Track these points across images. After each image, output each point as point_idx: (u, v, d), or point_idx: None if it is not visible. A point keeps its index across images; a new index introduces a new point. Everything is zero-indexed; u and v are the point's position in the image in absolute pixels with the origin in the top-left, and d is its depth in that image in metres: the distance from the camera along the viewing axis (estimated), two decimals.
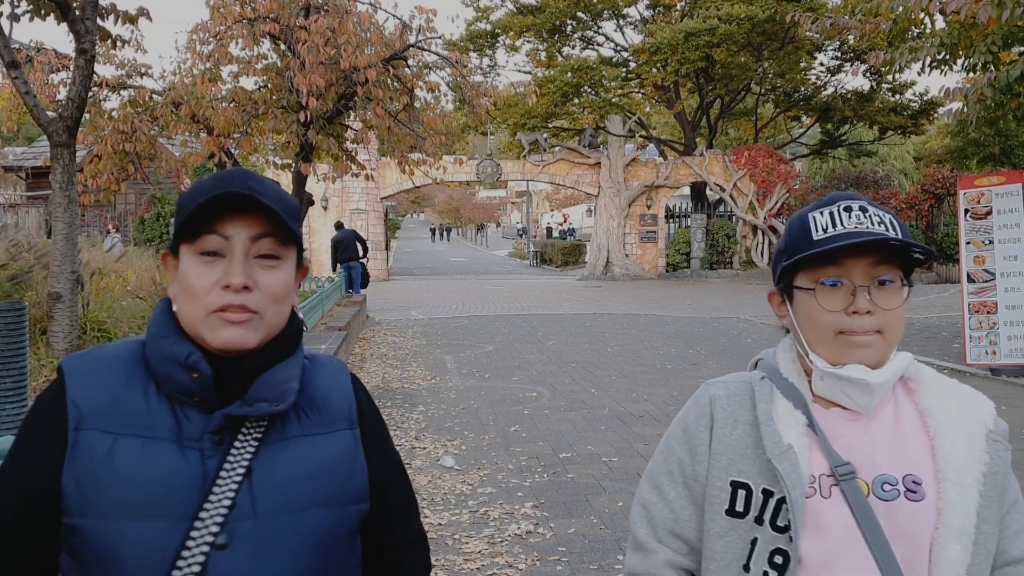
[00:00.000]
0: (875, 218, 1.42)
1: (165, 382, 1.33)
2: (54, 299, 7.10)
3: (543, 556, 4.90)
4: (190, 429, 1.31)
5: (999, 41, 9.52)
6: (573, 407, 8.99)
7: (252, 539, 1.29)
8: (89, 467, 1.27)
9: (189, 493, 1.28)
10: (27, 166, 26.14)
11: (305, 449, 1.37)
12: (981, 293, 10.56)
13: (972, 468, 1.41)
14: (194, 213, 1.32)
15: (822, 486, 1.42)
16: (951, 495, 1.39)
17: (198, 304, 1.32)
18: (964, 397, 1.49)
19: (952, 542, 1.38)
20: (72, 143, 7.19)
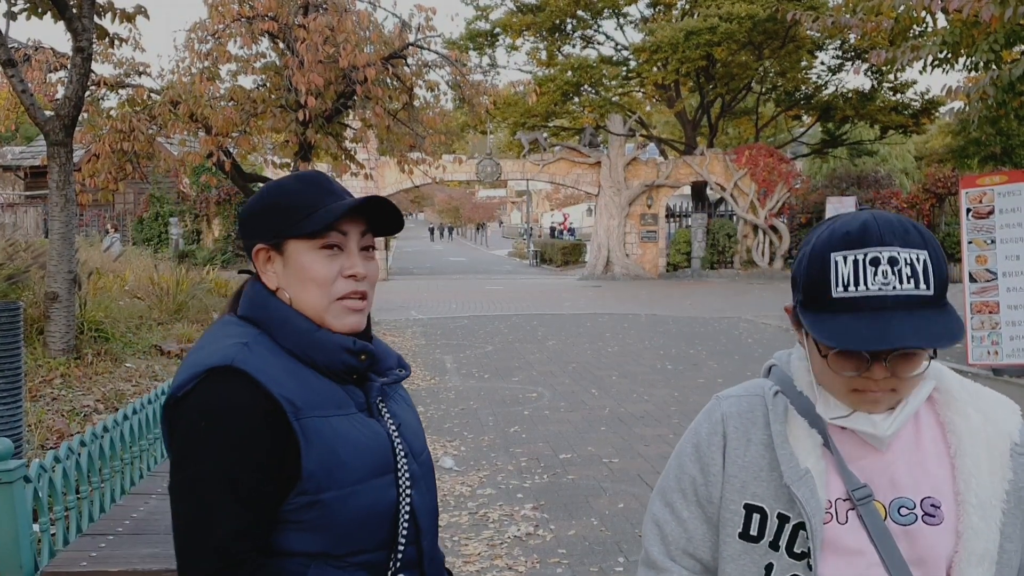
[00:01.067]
0: (906, 271, 1.27)
1: (331, 365, 1.49)
2: (51, 299, 7.06)
3: (543, 558, 4.86)
4: (358, 400, 1.53)
5: (1001, 39, 9.47)
6: (573, 408, 8.95)
7: (420, 477, 1.57)
8: (328, 447, 1.42)
9: (385, 451, 1.51)
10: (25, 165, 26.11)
11: (404, 401, 1.66)
12: (983, 293, 10.51)
13: (995, 487, 1.34)
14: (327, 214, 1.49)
15: (838, 511, 1.37)
16: (972, 519, 1.33)
17: (325, 293, 1.50)
18: (989, 407, 1.40)
19: (973, 567, 1.33)
20: (69, 142, 7.15)
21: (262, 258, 1.55)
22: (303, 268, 1.50)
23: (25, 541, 3.35)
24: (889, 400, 1.35)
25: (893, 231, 1.30)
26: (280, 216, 1.52)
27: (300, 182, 1.55)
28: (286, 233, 1.51)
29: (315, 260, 1.50)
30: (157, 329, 9.31)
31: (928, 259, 1.29)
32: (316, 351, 1.49)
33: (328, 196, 1.53)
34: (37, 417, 5.06)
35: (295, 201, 1.52)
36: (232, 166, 12.19)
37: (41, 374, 6.52)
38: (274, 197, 1.55)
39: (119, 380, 7.09)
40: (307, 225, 1.49)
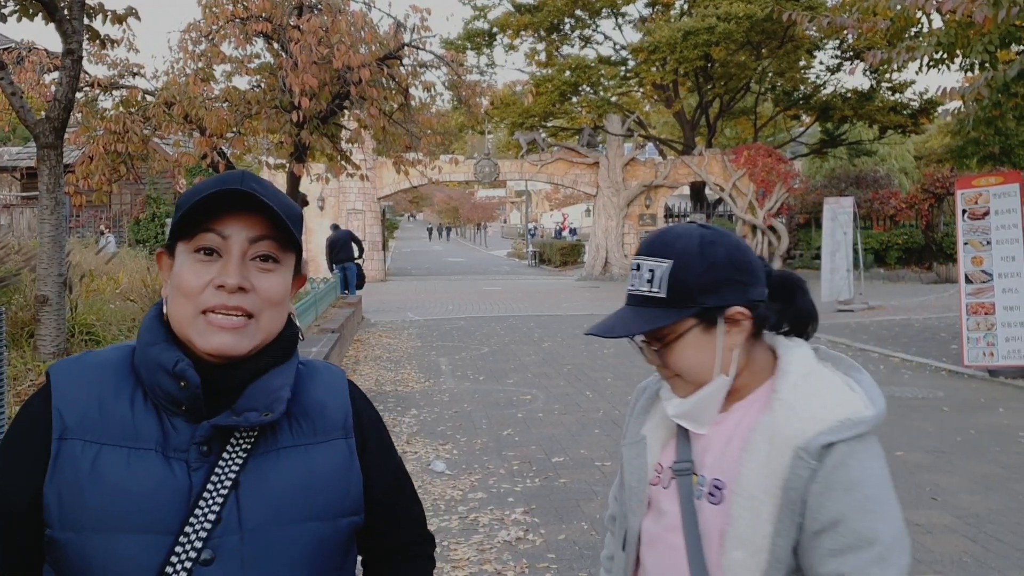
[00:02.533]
0: (646, 274, 1.53)
1: (152, 390, 1.28)
2: (41, 302, 7.02)
3: (532, 563, 4.83)
4: (176, 439, 1.27)
5: (996, 40, 9.44)
6: (567, 410, 8.92)
7: (238, 554, 1.25)
8: (72, 479, 1.22)
9: (174, 506, 1.23)
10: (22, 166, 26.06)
11: (297, 460, 1.33)
12: (979, 294, 10.49)
13: (768, 482, 1.43)
14: (193, 209, 1.27)
15: (664, 476, 1.59)
16: (737, 506, 1.45)
17: (190, 304, 1.27)
18: (799, 410, 1.46)
19: (735, 548, 1.45)
20: (59, 144, 7.11)
21: (164, 263, 1.37)
22: (176, 274, 1.30)
23: None
24: (681, 385, 1.56)
25: (651, 243, 1.56)
26: (176, 216, 1.32)
27: (211, 179, 1.33)
28: (171, 233, 1.33)
29: (185, 265, 1.29)
30: None
31: (667, 269, 1.51)
32: (143, 368, 1.30)
33: None
34: None
35: (185, 199, 1.32)
36: (227, 167, 12.15)
37: (30, 378, 6.49)
38: (182, 196, 1.35)
39: None
40: (179, 226, 1.30)
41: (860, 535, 1.39)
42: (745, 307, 1.51)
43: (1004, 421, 8.13)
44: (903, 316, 17.21)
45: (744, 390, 1.56)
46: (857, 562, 1.38)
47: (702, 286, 1.49)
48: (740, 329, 1.52)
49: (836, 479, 1.41)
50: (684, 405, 1.56)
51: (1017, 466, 6.63)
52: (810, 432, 1.43)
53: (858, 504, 1.40)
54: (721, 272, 1.50)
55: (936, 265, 27.54)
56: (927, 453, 7.01)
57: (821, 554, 1.41)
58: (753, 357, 1.56)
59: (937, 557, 4.79)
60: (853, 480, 1.41)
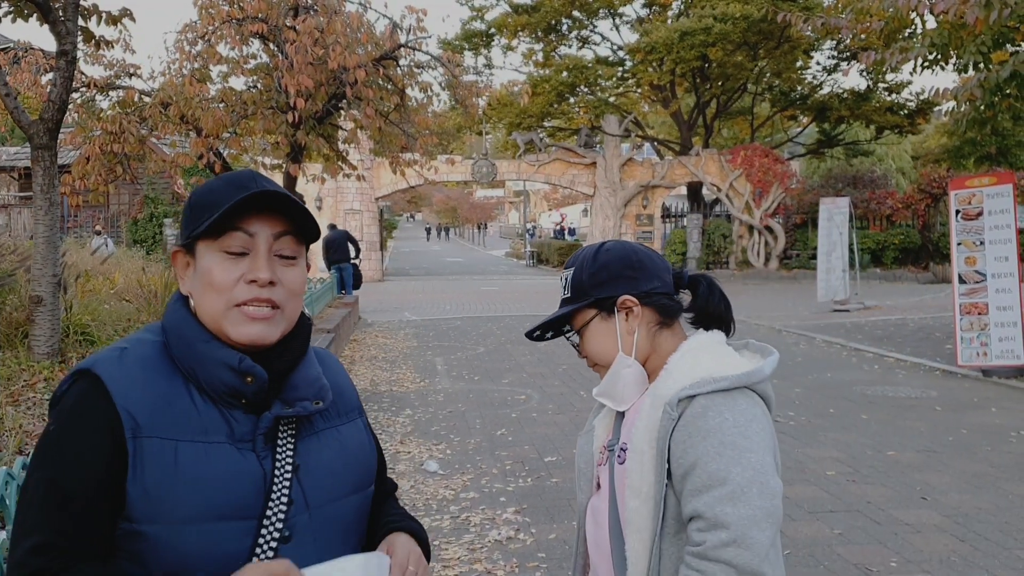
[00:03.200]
0: (563, 283, 1.87)
1: (211, 385, 1.36)
2: (35, 302, 7.03)
3: (522, 563, 4.85)
4: (240, 430, 1.36)
5: (989, 41, 9.47)
6: (561, 410, 8.94)
7: (309, 530, 1.38)
8: (159, 475, 1.28)
9: (253, 493, 1.33)
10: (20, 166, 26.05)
11: (332, 441, 1.47)
12: (972, 294, 10.52)
13: (648, 435, 1.66)
14: (226, 212, 1.36)
15: (603, 456, 1.83)
16: (629, 460, 1.68)
17: (222, 298, 1.37)
18: (674, 374, 1.71)
19: (631, 498, 1.67)
20: (53, 145, 7.13)
21: (180, 261, 1.45)
22: (205, 271, 1.39)
23: None
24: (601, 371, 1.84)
25: (568, 260, 1.91)
26: (194, 216, 1.41)
27: (222, 180, 1.44)
28: (195, 234, 1.40)
29: (215, 262, 1.38)
30: None
31: (571, 274, 1.85)
32: (198, 365, 1.37)
33: (238, 192, 1.40)
34: (15, 421, 5.05)
35: (207, 200, 1.40)
36: (223, 168, 12.16)
37: (24, 378, 6.50)
38: (194, 197, 1.44)
39: None
40: (210, 226, 1.38)
41: (712, 475, 1.56)
42: (635, 296, 1.78)
43: (996, 421, 8.16)
44: (899, 316, 17.25)
45: (655, 373, 1.78)
46: (708, 499, 1.54)
47: (594, 283, 1.80)
48: (634, 315, 1.79)
49: (695, 427, 1.61)
50: (601, 385, 1.83)
51: (1008, 465, 6.66)
52: (675, 388, 1.67)
53: (712, 449, 1.57)
54: (611, 270, 1.80)
55: (932, 265, 27.58)
56: (919, 453, 7.04)
57: (684, 496, 1.59)
58: (659, 342, 1.80)
59: (926, 556, 4.81)
60: (709, 428, 1.60)
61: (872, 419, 8.25)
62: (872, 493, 5.96)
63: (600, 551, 1.78)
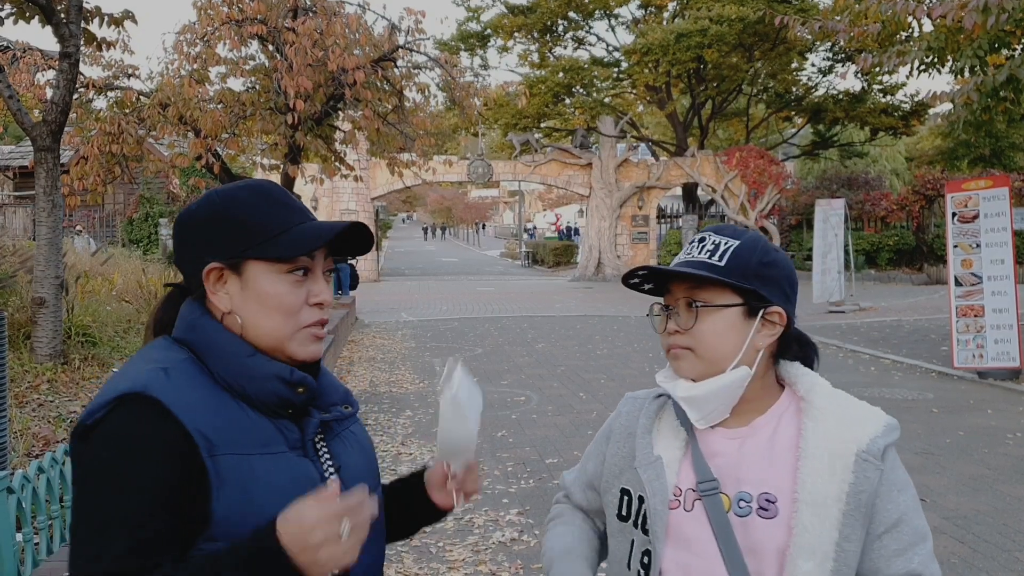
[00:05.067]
0: (710, 246, 1.57)
1: (262, 398, 1.36)
2: (38, 304, 7.05)
3: (527, 564, 4.89)
4: (292, 438, 1.37)
5: (985, 46, 9.52)
6: (561, 412, 8.97)
7: None
8: (241, 491, 1.28)
9: None
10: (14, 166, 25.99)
11: (353, 440, 1.51)
12: (968, 296, 10.58)
13: (832, 488, 1.46)
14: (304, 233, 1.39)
15: (686, 499, 1.54)
16: (803, 515, 1.45)
17: (291, 321, 1.38)
18: (846, 417, 1.53)
19: (803, 559, 1.44)
20: (56, 147, 7.14)
21: (213, 278, 1.39)
22: (268, 294, 1.37)
23: (8, 551, 3.37)
24: (688, 360, 1.56)
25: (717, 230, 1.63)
26: (242, 233, 1.37)
27: (256, 195, 1.41)
28: (249, 254, 1.37)
29: (281, 285, 1.37)
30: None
31: (734, 247, 1.57)
32: (247, 380, 1.35)
33: (293, 214, 1.41)
34: (23, 424, 5.06)
35: (258, 218, 1.38)
36: (221, 168, 12.19)
37: (27, 380, 6.52)
38: (232, 211, 1.39)
39: None
40: (277, 248, 1.37)
41: (917, 532, 1.50)
42: (787, 314, 1.57)
43: (992, 423, 8.22)
44: (894, 317, 17.32)
45: (758, 403, 1.57)
46: (922, 558, 1.49)
47: (759, 273, 1.54)
48: (772, 333, 1.56)
49: (893, 480, 1.50)
50: (696, 389, 1.54)
51: (1005, 468, 6.71)
52: (868, 435, 1.50)
53: (912, 503, 1.51)
54: (778, 272, 1.57)
55: (927, 266, 27.68)
56: (916, 455, 7.09)
57: (886, 555, 1.48)
58: (768, 372, 1.59)
59: None
60: (903, 480, 1.52)
61: None
62: None
63: None
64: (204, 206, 1.42)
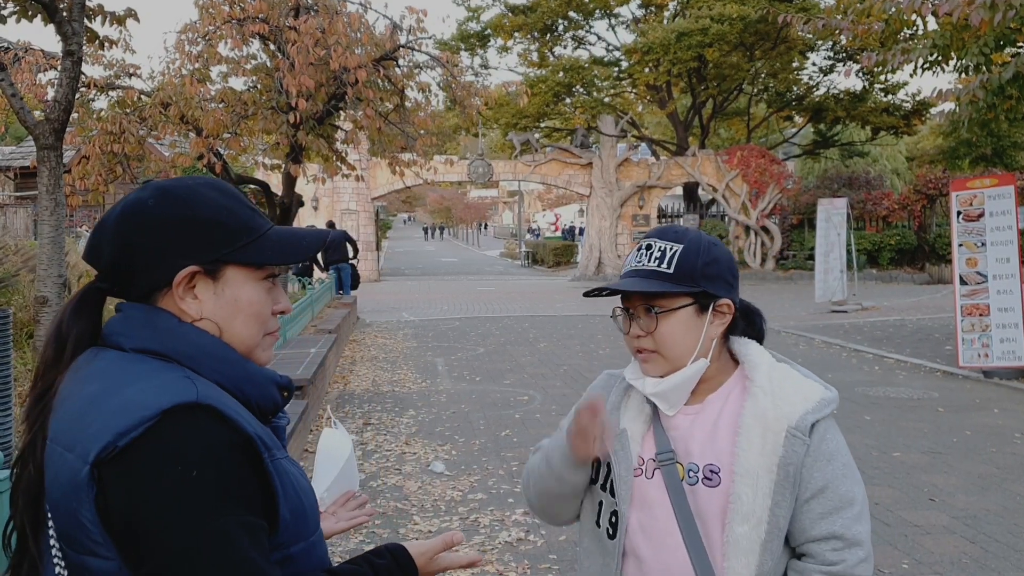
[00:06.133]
0: (657, 253, 1.73)
1: (262, 401, 1.32)
2: (41, 303, 7.01)
3: (534, 564, 4.86)
4: (278, 441, 1.35)
5: (991, 43, 9.49)
6: (565, 411, 8.87)
7: None
8: (294, 492, 1.27)
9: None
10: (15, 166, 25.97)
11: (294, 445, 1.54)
12: (973, 295, 10.55)
13: (764, 461, 1.64)
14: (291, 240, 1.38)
15: (647, 468, 1.74)
16: (739, 485, 1.64)
17: (261, 327, 1.36)
18: (781, 395, 1.68)
19: (739, 524, 1.63)
20: (59, 146, 7.10)
21: (186, 282, 1.29)
22: (244, 300, 1.32)
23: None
24: (655, 362, 1.73)
25: (660, 235, 1.79)
26: (221, 235, 1.30)
27: (224, 195, 1.34)
28: (229, 258, 1.31)
29: (258, 293, 1.34)
30: None
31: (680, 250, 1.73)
32: (249, 385, 1.30)
33: (260, 217, 1.37)
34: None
35: (236, 220, 1.32)
36: (223, 168, 12.15)
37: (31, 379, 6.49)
38: (206, 210, 1.30)
39: None
40: (260, 254, 1.32)
41: (843, 497, 1.65)
42: (732, 303, 1.75)
43: (999, 422, 8.18)
44: (896, 317, 17.29)
45: (712, 382, 1.76)
46: (843, 520, 1.64)
47: (705, 273, 1.71)
48: (723, 322, 1.75)
49: (820, 451, 1.66)
50: (662, 384, 1.73)
51: (1013, 467, 6.68)
52: (798, 413, 1.66)
53: (839, 471, 1.67)
54: (720, 268, 1.74)
55: (929, 266, 27.64)
56: (923, 454, 7.05)
57: (812, 518, 1.64)
58: (722, 352, 1.78)
59: (936, 558, 4.83)
60: (832, 451, 1.68)
61: (875, 420, 8.27)
62: (880, 494, 5.96)
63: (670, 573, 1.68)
64: (167, 203, 1.30)
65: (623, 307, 1.78)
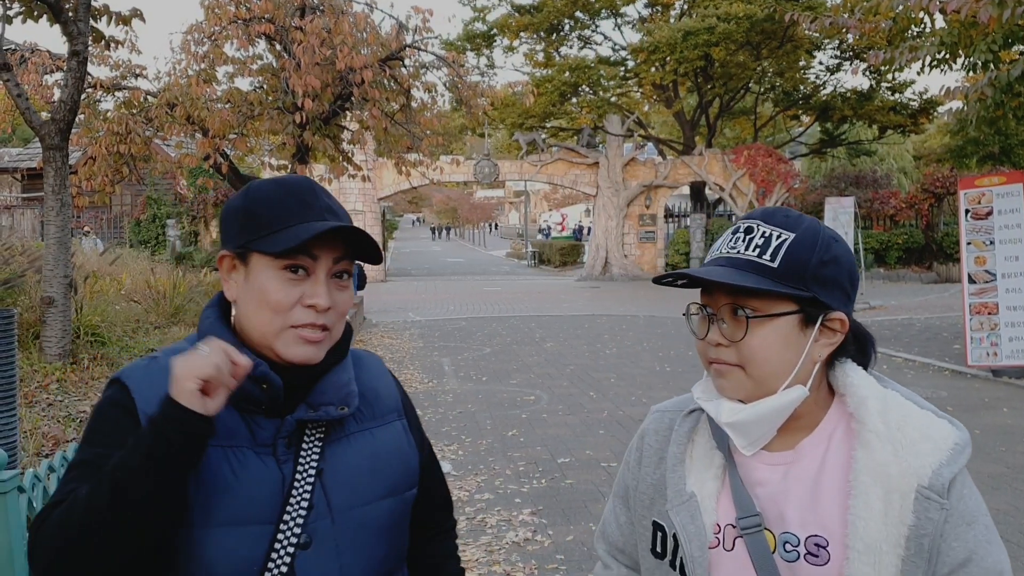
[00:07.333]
0: (759, 239, 1.32)
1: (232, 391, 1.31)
2: (47, 303, 7.02)
3: (541, 564, 4.83)
4: (261, 435, 1.35)
5: (999, 40, 9.46)
6: (572, 411, 8.92)
7: (331, 536, 1.36)
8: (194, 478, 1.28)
9: (271, 498, 1.33)
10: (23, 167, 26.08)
11: (365, 444, 1.45)
12: (982, 294, 10.50)
13: (890, 532, 1.25)
14: (296, 236, 1.34)
15: (726, 537, 1.34)
16: (855, 564, 1.25)
17: (278, 318, 1.35)
18: (904, 443, 1.28)
19: None
20: (65, 146, 7.11)
21: (226, 265, 1.41)
22: (261, 288, 1.35)
23: (20, 552, 3.31)
24: (735, 379, 1.32)
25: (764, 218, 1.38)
26: (251, 224, 1.37)
27: (282, 190, 1.39)
28: (252, 245, 1.36)
29: (274, 281, 1.35)
30: (154, 333, 9.29)
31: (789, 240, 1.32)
32: None
33: (306, 212, 1.37)
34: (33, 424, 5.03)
35: (269, 211, 1.37)
36: (229, 168, 12.17)
37: (37, 379, 6.49)
38: (251, 202, 1.39)
39: None
40: (273, 243, 1.34)
41: (990, 571, 1.28)
42: (848, 319, 1.34)
43: (1008, 421, 8.14)
44: (904, 316, 17.23)
45: (806, 419, 1.35)
46: None
47: (819, 276, 1.30)
48: (831, 341, 1.33)
49: (960, 514, 1.27)
50: (745, 412, 1.31)
51: (1023, 466, 6.64)
52: (929, 467, 1.26)
53: (982, 538, 1.28)
54: (840, 271, 1.33)
55: (936, 265, 27.55)
56: None
57: None
58: (822, 382, 1.36)
59: None
60: (971, 512, 1.29)
61: None
62: None
63: None
64: (238, 196, 1.43)
65: (701, 304, 1.36)
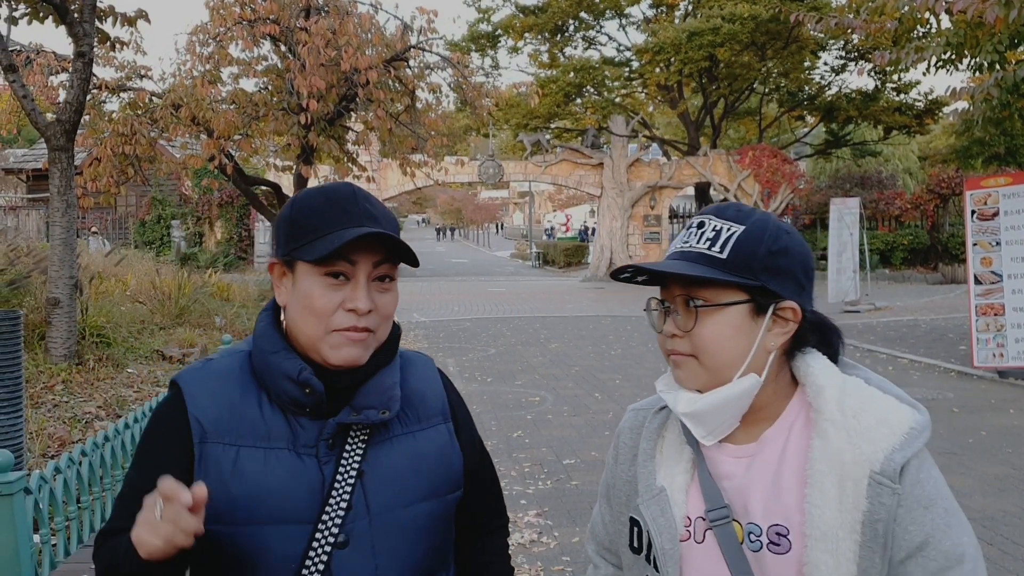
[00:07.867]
0: (710, 232, 1.37)
1: (277, 394, 1.42)
2: (52, 304, 7.03)
3: (547, 566, 4.83)
4: (304, 436, 1.41)
5: (1005, 40, 9.42)
6: (577, 412, 8.91)
7: (368, 536, 1.40)
8: (218, 478, 1.35)
9: (310, 497, 1.38)
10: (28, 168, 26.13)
11: (408, 446, 1.48)
12: (988, 295, 10.47)
13: (845, 518, 1.25)
14: (332, 242, 1.38)
15: (696, 530, 1.36)
16: (814, 552, 1.25)
17: (321, 323, 1.40)
18: (858, 430, 1.28)
19: None
20: (70, 147, 7.12)
21: (276, 272, 1.48)
22: (305, 294, 1.41)
23: (25, 553, 3.32)
24: (690, 369, 1.35)
25: (715, 213, 1.42)
26: (295, 233, 1.43)
27: (323, 197, 1.44)
28: (296, 254, 1.42)
29: (317, 288, 1.40)
30: (159, 334, 9.29)
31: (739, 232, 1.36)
32: (267, 375, 1.43)
33: (345, 219, 1.40)
34: (38, 425, 5.03)
35: (310, 220, 1.42)
36: (234, 169, 12.17)
37: (42, 380, 6.49)
38: (295, 211, 1.45)
39: (121, 386, 7.07)
40: (312, 250, 1.39)
41: (949, 554, 1.27)
42: (801, 309, 1.35)
43: (1015, 422, 8.11)
44: (910, 317, 17.19)
45: (768, 411, 1.37)
46: None
47: (768, 265, 1.32)
48: (784, 331, 1.35)
49: (915, 498, 1.27)
50: (700, 402, 1.34)
51: None
52: (882, 452, 1.27)
53: (940, 520, 1.28)
54: (790, 261, 1.35)
55: (941, 266, 27.50)
56: (939, 455, 6.99)
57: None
58: (782, 371, 1.38)
59: None
60: (929, 495, 1.28)
61: None
62: None
63: None
64: (286, 205, 1.49)
65: (660, 299, 1.41)
